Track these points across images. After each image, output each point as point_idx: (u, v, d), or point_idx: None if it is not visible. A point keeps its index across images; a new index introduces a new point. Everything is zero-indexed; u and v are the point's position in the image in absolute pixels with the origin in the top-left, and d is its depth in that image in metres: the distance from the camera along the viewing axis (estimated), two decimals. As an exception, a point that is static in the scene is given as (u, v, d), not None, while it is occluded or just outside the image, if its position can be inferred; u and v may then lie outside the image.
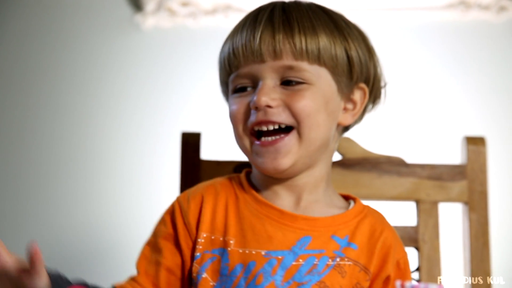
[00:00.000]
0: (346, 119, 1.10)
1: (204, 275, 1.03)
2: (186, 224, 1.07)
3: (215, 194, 1.08)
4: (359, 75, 1.09)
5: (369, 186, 1.30)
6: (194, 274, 1.03)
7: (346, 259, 1.03)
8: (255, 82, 1.04)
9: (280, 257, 1.01)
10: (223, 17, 1.97)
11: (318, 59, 1.04)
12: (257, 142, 1.04)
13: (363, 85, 1.10)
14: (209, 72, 2.01)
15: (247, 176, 1.11)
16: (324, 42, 1.04)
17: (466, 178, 1.30)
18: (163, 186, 1.97)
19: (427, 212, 1.29)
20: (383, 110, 1.96)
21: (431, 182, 1.30)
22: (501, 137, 1.93)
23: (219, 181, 1.12)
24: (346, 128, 1.13)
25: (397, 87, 1.98)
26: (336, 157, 1.32)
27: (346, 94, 1.08)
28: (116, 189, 2.02)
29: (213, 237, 1.05)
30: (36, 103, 2.05)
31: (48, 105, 2.04)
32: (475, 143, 1.31)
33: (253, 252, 1.02)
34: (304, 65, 1.03)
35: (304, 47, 1.03)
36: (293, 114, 1.02)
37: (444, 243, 1.29)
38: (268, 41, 1.02)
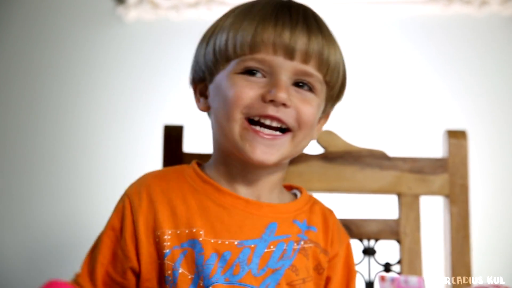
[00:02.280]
0: (315, 133, 1.14)
1: (181, 270, 1.02)
2: (134, 222, 1.07)
3: (167, 189, 1.08)
4: (338, 101, 1.14)
5: (351, 179, 1.31)
6: (168, 272, 1.03)
7: (308, 242, 1.07)
8: (268, 72, 1.04)
9: (253, 245, 1.04)
10: (206, 10, 1.97)
11: (331, 76, 1.07)
12: (255, 130, 1.03)
13: (331, 110, 1.16)
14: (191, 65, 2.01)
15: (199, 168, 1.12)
16: (338, 63, 1.08)
17: (447, 172, 1.31)
18: (146, 179, 1.97)
19: (409, 205, 1.30)
20: (366, 103, 1.97)
21: (413, 175, 1.31)
22: (482, 131, 1.95)
23: (171, 173, 1.12)
24: None
25: (379, 80, 1.99)
26: (318, 150, 1.32)
27: (324, 112, 1.13)
28: (98, 182, 2.02)
29: (178, 232, 1.04)
30: (17, 97, 2.04)
31: (29, 98, 2.03)
32: (456, 137, 1.32)
33: (226, 242, 1.03)
34: (321, 77, 1.06)
35: (328, 62, 1.05)
36: (299, 120, 1.04)
37: (425, 236, 1.30)
38: (303, 44, 1.03)
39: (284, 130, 1.05)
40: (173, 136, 1.33)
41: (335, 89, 1.10)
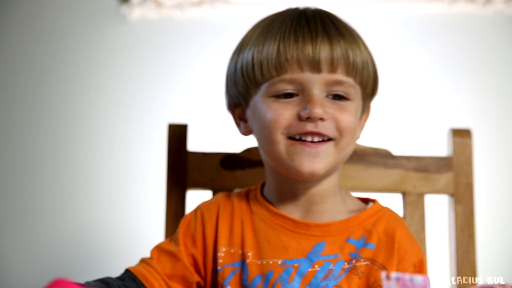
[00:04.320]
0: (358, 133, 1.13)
1: None
2: (204, 235, 1.10)
3: (231, 211, 1.12)
4: (375, 96, 1.14)
5: (355, 178, 1.31)
6: None
7: (362, 260, 1.04)
8: (300, 90, 1.03)
9: (296, 264, 1.04)
10: (210, 9, 1.97)
11: (361, 77, 1.06)
12: (300, 142, 1.03)
13: (370, 104, 1.15)
14: (195, 64, 2.01)
15: (261, 189, 1.14)
16: (366, 61, 1.07)
17: (452, 170, 1.31)
18: (150, 177, 1.97)
19: (413, 203, 1.30)
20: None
21: (417, 174, 1.31)
22: (487, 129, 1.94)
23: (237, 196, 1.14)
24: None
25: (383, 79, 1.98)
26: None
27: (363, 110, 1.13)
28: (101, 181, 2.02)
29: (232, 251, 1.08)
30: (20, 96, 2.04)
31: (32, 97, 2.03)
32: (461, 135, 1.31)
33: (270, 262, 1.05)
34: (351, 81, 1.05)
35: (355, 65, 1.04)
36: (339, 129, 1.03)
37: (430, 234, 1.30)
38: (327, 54, 1.02)
39: (327, 140, 1.04)
40: (177, 134, 1.33)
41: (368, 86, 1.09)
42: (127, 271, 1.08)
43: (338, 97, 1.04)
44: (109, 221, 2.00)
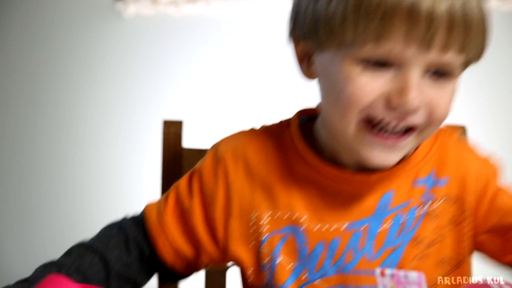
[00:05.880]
0: None
1: (280, 259, 0.90)
2: (229, 196, 0.92)
3: (266, 162, 0.91)
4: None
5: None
6: (265, 260, 0.90)
7: (437, 200, 0.90)
8: (395, 64, 0.80)
9: (364, 226, 0.89)
10: (205, 5, 1.97)
11: (475, 47, 0.85)
12: (374, 133, 0.82)
13: None
14: (190, 60, 2.01)
15: (301, 129, 0.92)
16: (482, 21, 0.87)
17: (446, 167, 1.31)
18: (145, 174, 1.97)
19: (408, 200, 1.30)
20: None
21: (412, 171, 1.31)
22: (482, 126, 1.95)
23: (270, 141, 0.93)
24: None
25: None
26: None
27: None
28: (96, 177, 2.02)
29: (277, 214, 0.90)
30: (15, 92, 2.04)
31: (27, 94, 2.03)
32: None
33: (332, 228, 0.89)
34: (461, 59, 0.84)
35: (471, 34, 0.82)
36: (431, 116, 0.84)
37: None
38: (445, 25, 0.78)
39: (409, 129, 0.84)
40: (172, 131, 1.33)
41: (473, 55, 0.87)
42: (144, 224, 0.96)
43: (439, 73, 0.83)
44: (103, 218, 1.99)
